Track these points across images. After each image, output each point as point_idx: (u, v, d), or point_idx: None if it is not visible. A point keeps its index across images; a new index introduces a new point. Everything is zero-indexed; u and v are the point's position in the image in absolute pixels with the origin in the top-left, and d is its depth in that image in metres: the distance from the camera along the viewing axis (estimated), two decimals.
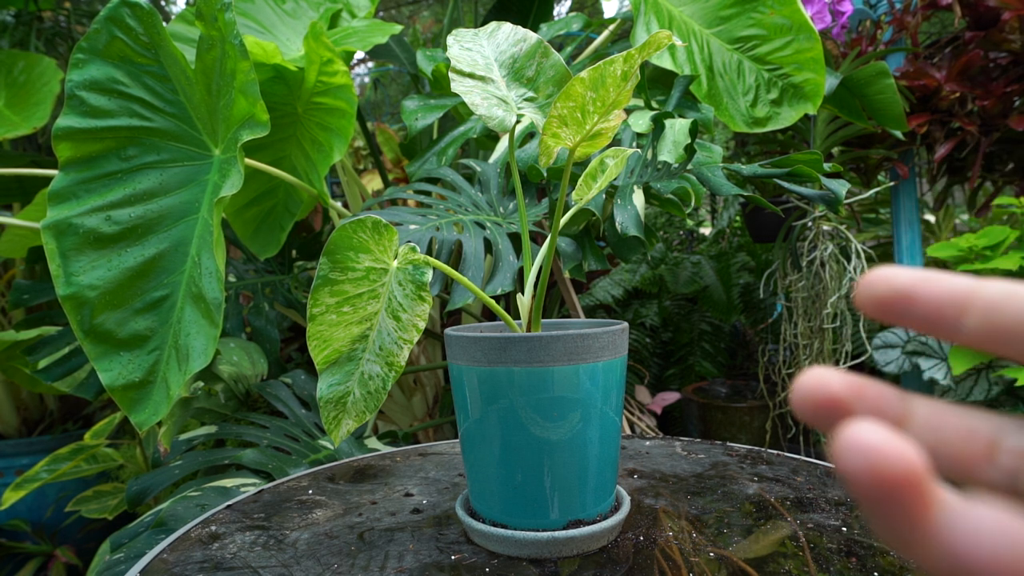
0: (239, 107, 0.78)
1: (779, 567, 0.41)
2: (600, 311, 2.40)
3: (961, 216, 2.26)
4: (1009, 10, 1.34)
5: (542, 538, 0.43)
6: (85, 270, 0.75)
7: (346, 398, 0.47)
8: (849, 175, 1.72)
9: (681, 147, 0.93)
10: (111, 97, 0.80)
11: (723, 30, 1.13)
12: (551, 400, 0.43)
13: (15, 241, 1.44)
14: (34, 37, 1.90)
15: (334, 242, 0.44)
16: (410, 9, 4.85)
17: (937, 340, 1.49)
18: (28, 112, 1.56)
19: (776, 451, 0.69)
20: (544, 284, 0.49)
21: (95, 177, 0.79)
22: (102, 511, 1.36)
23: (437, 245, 0.88)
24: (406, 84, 4.07)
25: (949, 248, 1.44)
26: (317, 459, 0.94)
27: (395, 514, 0.53)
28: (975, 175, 1.49)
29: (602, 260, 0.91)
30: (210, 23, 0.79)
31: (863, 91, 1.26)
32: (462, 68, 0.52)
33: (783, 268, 1.70)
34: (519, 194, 0.53)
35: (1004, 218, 1.83)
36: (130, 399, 0.75)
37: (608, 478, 0.46)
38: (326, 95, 1.12)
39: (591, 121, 0.43)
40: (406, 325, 0.45)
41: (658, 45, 0.40)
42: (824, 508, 0.52)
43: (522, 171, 1.03)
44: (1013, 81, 1.40)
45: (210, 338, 0.74)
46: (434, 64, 1.33)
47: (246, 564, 0.44)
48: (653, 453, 0.69)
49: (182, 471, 0.88)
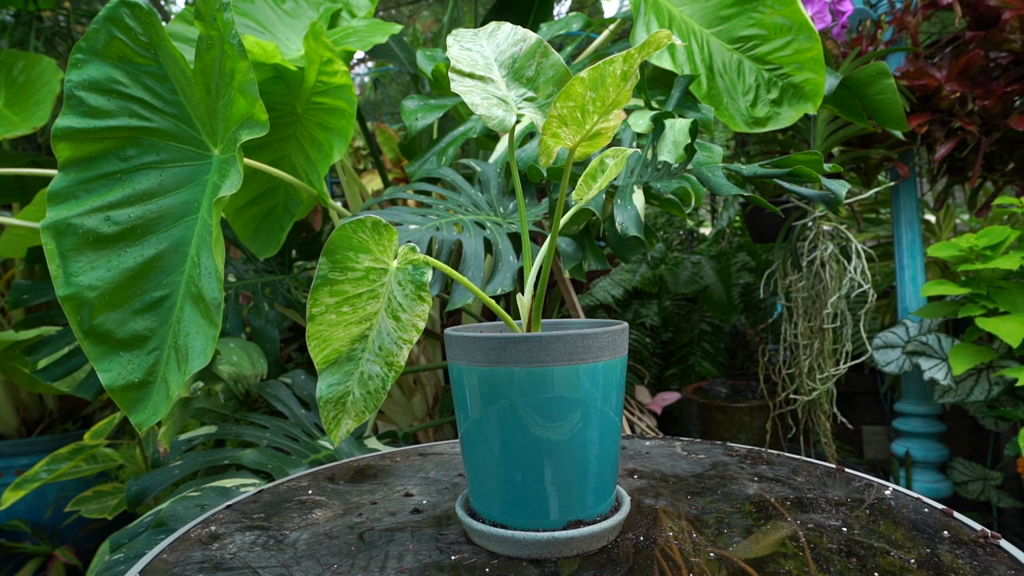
0: (238, 107, 0.78)
1: (779, 567, 0.41)
2: (600, 311, 2.40)
3: (961, 216, 2.26)
4: (1010, 10, 1.34)
5: (542, 538, 0.43)
6: (85, 270, 0.75)
7: (346, 398, 0.47)
8: (849, 175, 1.72)
9: (681, 147, 0.93)
10: (110, 97, 0.79)
11: (723, 30, 1.13)
12: (551, 400, 0.43)
13: (15, 241, 1.44)
14: (33, 37, 1.90)
15: (334, 242, 0.44)
16: (410, 9, 4.85)
17: (937, 339, 1.49)
18: (28, 112, 1.56)
19: (776, 451, 0.69)
20: (544, 284, 0.49)
21: (94, 177, 0.79)
22: (102, 511, 1.36)
23: (437, 245, 0.88)
24: (406, 84, 4.07)
25: (949, 248, 1.44)
26: (317, 459, 0.93)
27: (395, 514, 0.53)
28: (975, 175, 1.49)
29: (602, 260, 0.91)
30: (209, 23, 0.79)
31: (863, 91, 1.26)
32: (462, 68, 0.52)
33: (783, 268, 1.70)
34: (519, 194, 0.53)
35: (1004, 218, 1.83)
36: (130, 399, 0.75)
37: (608, 478, 0.46)
38: (326, 95, 1.12)
39: (591, 121, 0.43)
40: (406, 325, 0.45)
41: (658, 45, 0.40)
42: (824, 508, 0.51)
43: (522, 171, 1.03)
44: (1013, 81, 1.40)
45: (210, 338, 0.74)
46: (434, 64, 1.33)
47: (246, 564, 0.44)
48: (653, 453, 0.69)
49: (182, 471, 0.88)
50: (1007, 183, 1.61)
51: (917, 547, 0.44)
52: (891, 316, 1.92)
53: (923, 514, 0.50)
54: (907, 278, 1.67)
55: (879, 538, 0.45)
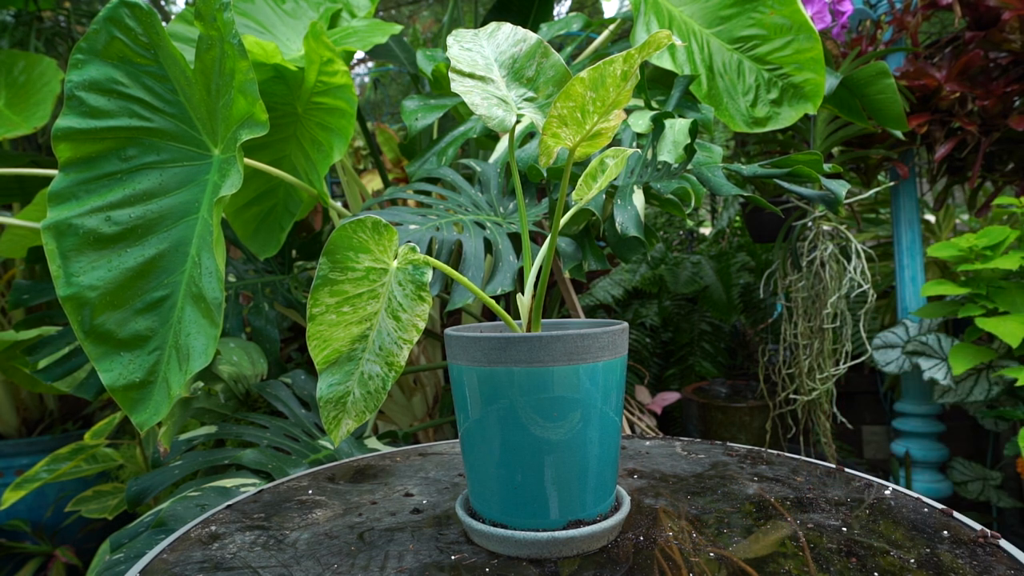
0: (238, 107, 0.78)
1: (779, 567, 0.41)
2: (600, 311, 2.40)
3: (961, 216, 2.26)
4: (1009, 10, 1.34)
5: (542, 538, 0.43)
6: (85, 271, 0.75)
7: (346, 398, 0.47)
8: (849, 175, 1.72)
9: (681, 147, 0.93)
10: (110, 98, 0.80)
11: (723, 30, 1.13)
12: (551, 400, 0.43)
13: (15, 241, 1.44)
14: (34, 37, 1.90)
15: (334, 242, 0.44)
16: (410, 9, 4.85)
17: (937, 339, 1.49)
18: (28, 112, 1.56)
19: (776, 451, 0.69)
20: (544, 284, 0.49)
21: (95, 178, 0.79)
22: (102, 511, 1.36)
23: (437, 245, 0.88)
24: (406, 84, 4.07)
25: (949, 248, 1.44)
26: (317, 459, 0.93)
27: (395, 514, 0.53)
28: (975, 175, 1.49)
29: (602, 260, 0.91)
30: (209, 23, 0.79)
31: (863, 91, 1.26)
32: (462, 68, 0.52)
33: (783, 268, 1.70)
34: (519, 194, 0.53)
35: (1004, 218, 1.83)
36: (131, 399, 0.75)
37: (608, 478, 0.46)
38: (326, 95, 1.12)
39: (591, 121, 0.43)
40: (406, 325, 0.45)
41: (658, 45, 0.40)
42: (824, 508, 0.52)
43: (522, 171, 1.03)
44: (1013, 81, 1.40)
45: (210, 338, 0.74)
46: (434, 64, 1.33)
47: (246, 564, 0.44)
48: (653, 453, 0.69)
49: (182, 471, 0.88)
50: (1007, 183, 1.61)
51: (917, 547, 0.44)
52: (891, 316, 1.92)
53: (923, 514, 0.50)
54: (907, 278, 1.67)
55: (879, 538, 0.46)
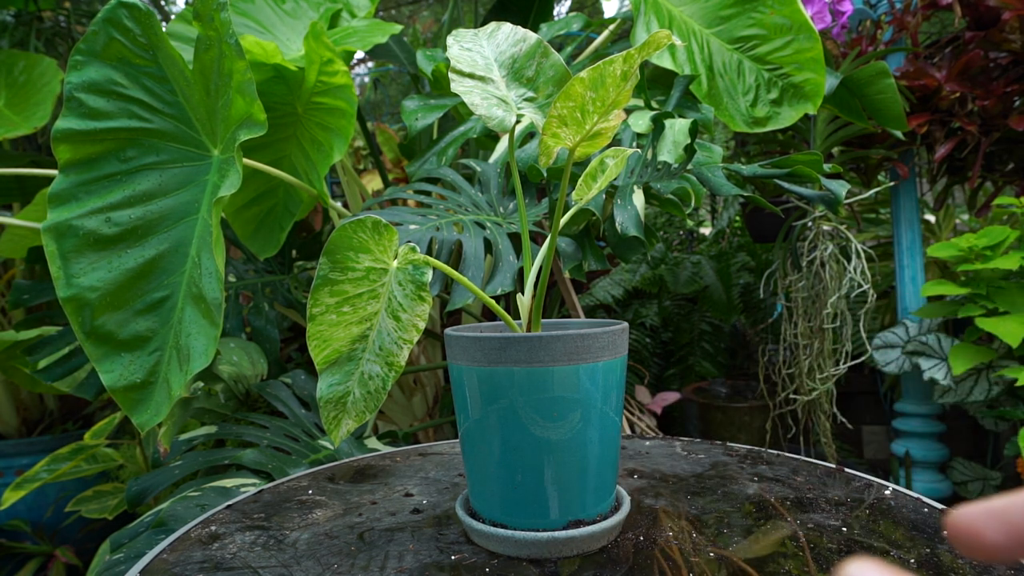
0: (237, 107, 0.78)
1: (779, 567, 0.41)
2: (600, 311, 2.40)
3: (961, 216, 2.26)
4: (1009, 10, 1.34)
5: (542, 538, 0.43)
6: (85, 272, 0.75)
7: (346, 398, 0.47)
8: (849, 175, 1.72)
9: (681, 147, 0.93)
10: (110, 99, 0.80)
11: (723, 30, 1.13)
12: (551, 400, 0.43)
13: (15, 241, 1.44)
14: (34, 37, 1.90)
15: (334, 242, 0.44)
16: (410, 9, 4.85)
17: (937, 339, 1.49)
18: (28, 112, 1.56)
19: (776, 451, 0.69)
20: (544, 284, 0.49)
21: (95, 179, 0.79)
22: (102, 511, 1.36)
23: (437, 245, 0.88)
24: (406, 84, 4.07)
25: (949, 248, 1.44)
26: (317, 459, 0.94)
27: (395, 514, 0.53)
28: (975, 175, 1.49)
29: (602, 260, 0.91)
30: (207, 23, 0.79)
31: (863, 91, 1.26)
32: (462, 68, 0.52)
33: (783, 268, 1.70)
34: (519, 194, 0.53)
35: (1004, 218, 1.83)
36: (132, 400, 0.75)
37: (608, 478, 0.46)
38: (326, 95, 1.12)
39: (591, 121, 0.43)
40: (406, 325, 0.45)
41: (658, 45, 0.40)
42: (824, 508, 0.52)
43: (522, 171, 1.03)
44: (1013, 81, 1.40)
45: (211, 338, 0.74)
46: (434, 64, 1.33)
47: (246, 564, 0.44)
48: (653, 453, 0.69)
49: (182, 471, 0.88)
50: (1007, 183, 1.61)
51: (917, 547, 0.44)
52: (891, 316, 1.92)
53: (923, 514, 0.50)
54: (907, 278, 1.67)
55: (879, 538, 0.46)
